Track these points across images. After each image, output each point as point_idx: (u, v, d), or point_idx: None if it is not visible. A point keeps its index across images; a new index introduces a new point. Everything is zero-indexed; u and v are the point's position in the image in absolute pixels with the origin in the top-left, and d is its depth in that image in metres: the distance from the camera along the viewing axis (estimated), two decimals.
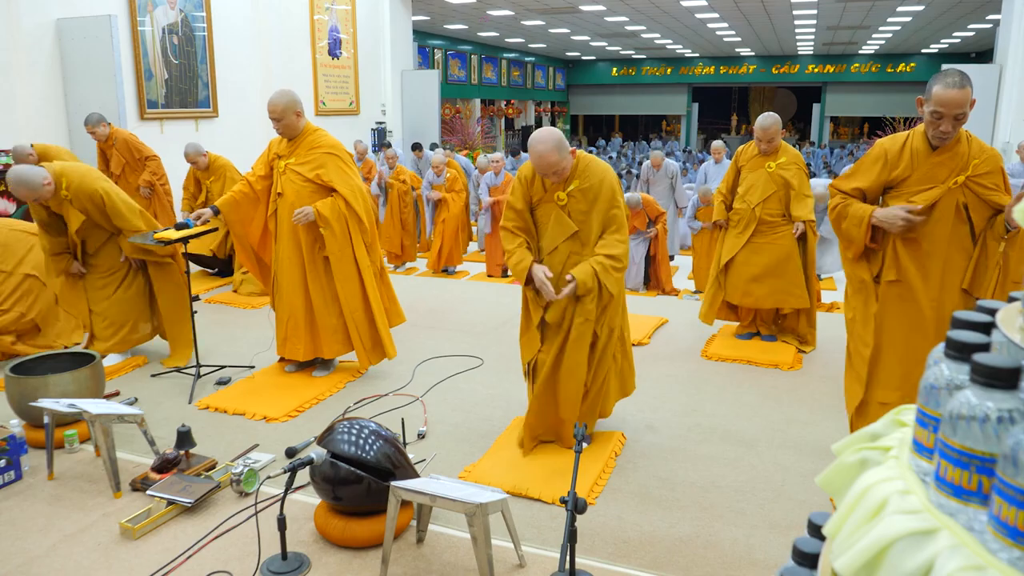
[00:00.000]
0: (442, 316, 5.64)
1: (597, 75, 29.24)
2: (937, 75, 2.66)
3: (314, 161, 4.02)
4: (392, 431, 2.76)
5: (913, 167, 2.81)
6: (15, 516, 2.80)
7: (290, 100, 4.01)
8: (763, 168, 4.81)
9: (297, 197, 4.00)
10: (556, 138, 3.03)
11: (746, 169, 4.91)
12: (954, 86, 2.56)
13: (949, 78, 2.58)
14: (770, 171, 4.77)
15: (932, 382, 0.83)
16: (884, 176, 2.88)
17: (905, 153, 2.83)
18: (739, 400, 3.99)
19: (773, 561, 2.54)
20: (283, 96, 4.01)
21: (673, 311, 5.78)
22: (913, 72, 24.26)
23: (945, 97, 2.57)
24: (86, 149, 7.83)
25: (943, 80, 2.59)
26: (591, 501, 2.89)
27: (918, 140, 2.81)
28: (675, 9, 15.81)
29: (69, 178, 4.12)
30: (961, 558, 0.68)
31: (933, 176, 2.80)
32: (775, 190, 4.74)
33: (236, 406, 3.81)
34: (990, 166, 2.79)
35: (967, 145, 2.78)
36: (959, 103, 2.57)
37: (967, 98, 2.57)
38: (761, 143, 4.81)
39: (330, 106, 11.82)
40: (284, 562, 2.45)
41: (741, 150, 5.03)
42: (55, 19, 7.58)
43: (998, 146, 10.58)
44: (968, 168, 2.77)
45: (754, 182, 4.82)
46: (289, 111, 3.99)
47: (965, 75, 2.59)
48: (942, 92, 2.58)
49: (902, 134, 2.90)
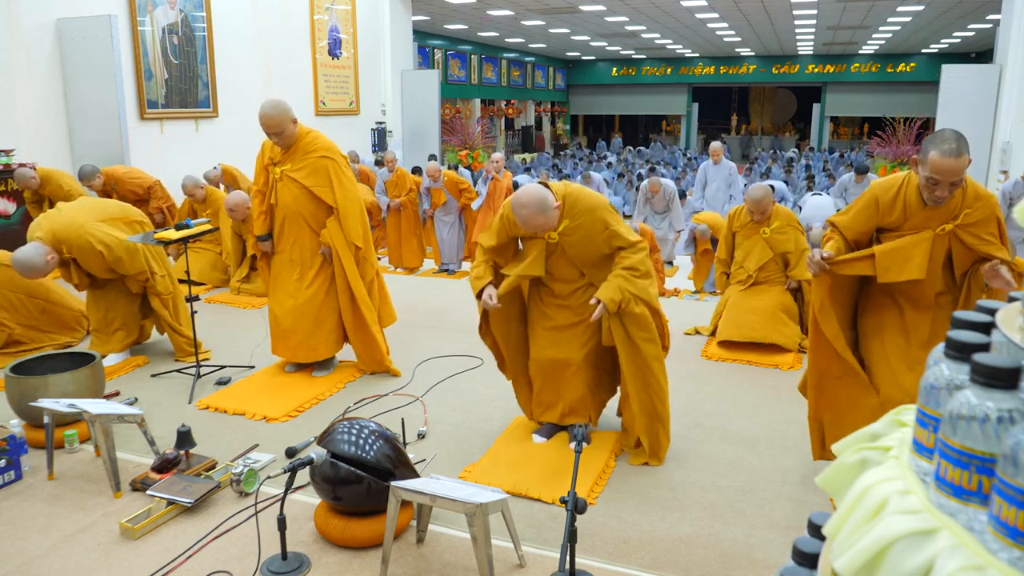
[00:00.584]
0: (442, 316, 5.64)
1: (597, 75, 29.24)
2: (933, 137, 2.58)
3: (310, 166, 3.97)
4: (392, 431, 2.76)
5: (905, 216, 2.78)
6: (15, 516, 2.80)
7: (284, 110, 3.88)
8: (758, 234, 4.81)
9: (295, 203, 3.99)
10: (539, 200, 2.93)
11: (740, 235, 4.90)
12: (950, 154, 2.49)
13: (945, 144, 2.51)
14: (765, 236, 4.78)
15: (932, 382, 0.83)
16: (875, 222, 2.86)
17: (898, 203, 2.78)
18: (739, 400, 3.99)
19: (773, 561, 2.54)
20: (276, 108, 3.86)
21: (673, 311, 5.77)
22: (913, 72, 24.26)
23: (942, 165, 2.51)
24: (86, 150, 7.84)
25: (939, 146, 2.52)
26: (591, 501, 2.89)
27: (912, 193, 2.75)
28: (675, 9, 15.81)
29: (69, 242, 4.06)
30: (961, 558, 0.68)
31: (924, 226, 2.78)
32: (771, 256, 4.78)
33: (236, 406, 3.81)
34: (983, 214, 2.71)
35: (961, 194, 2.70)
36: (955, 171, 2.51)
37: (964, 165, 2.51)
38: (753, 214, 4.78)
39: (330, 106, 11.82)
40: (284, 562, 2.45)
41: (733, 214, 4.97)
42: (55, 19, 7.58)
43: (998, 146, 10.58)
44: (959, 217, 2.71)
45: (750, 249, 4.83)
46: (286, 121, 3.88)
47: (962, 140, 2.52)
48: (938, 160, 2.51)
49: (896, 179, 2.83)
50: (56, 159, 7.72)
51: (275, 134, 3.90)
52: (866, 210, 2.85)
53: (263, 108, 3.86)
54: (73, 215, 4.16)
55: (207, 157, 9.44)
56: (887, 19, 16.68)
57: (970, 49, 22.32)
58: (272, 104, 3.87)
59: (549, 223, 3.00)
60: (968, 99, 10.88)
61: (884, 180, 2.89)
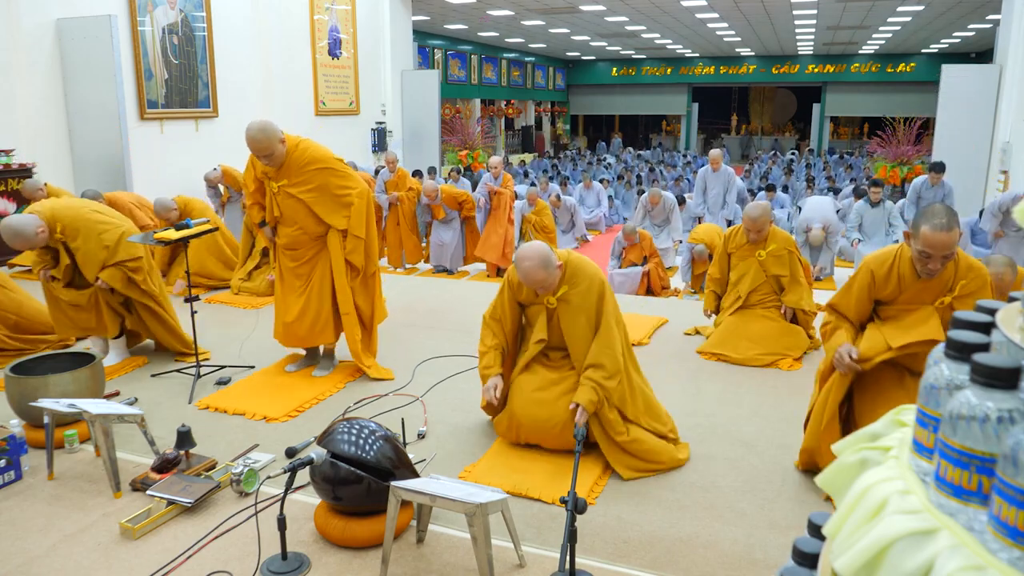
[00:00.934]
0: (442, 316, 5.64)
1: (597, 75, 29.24)
2: (925, 210, 2.61)
3: (306, 180, 3.91)
4: (392, 431, 2.76)
5: (900, 289, 2.83)
6: (15, 516, 2.80)
7: (271, 132, 3.78)
8: (753, 257, 4.69)
9: (296, 214, 3.97)
10: (542, 255, 2.97)
11: (735, 257, 4.79)
12: (941, 228, 2.53)
13: (936, 219, 2.54)
14: (760, 259, 4.67)
15: (932, 382, 0.84)
16: (872, 296, 2.92)
17: (892, 276, 2.84)
18: (739, 400, 3.99)
19: (773, 561, 2.54)
20: (263, 131, 3.76)
21: (673, 311, 5.78)
22: (913, 72, 24.26)
23: (934, 240, 2.55)
24: (86, 150, 7.84)
25: (930, 220, 2.55)
26: (591, 501, 2.89)
27: (905, 265, 2.81)
28: (675, 9, 15.81)
29: (64, 220, 4.09)
30: (961, 558, 0.68)
31: (920, 298, 2.85)
32: (765, 279, 4.68)
33: (236, 406, 3.81)
34: (976, 284, 2.78)
35: (953, 265, 2.77)
36: (947, 245, 2.55)
37: (955, 239, 2.56)
38: (750, 232, 4.66)
39: (330, 106, 11.83)
40: (284, 562, 2.45)
41: (729, 235, 4.84)
42: (55, 19, 7.58)
43: (998, 147, 10.58)
44: (955, 289, 2.78)
45: (745, 271, 4.72)
46: (274, 142, 3.79)
47: (952, 214, 2.56)
48: (930, 234, 2.55)
49: (889, 253, 2.88)
50: (56, 159, 7.73)
51: (264, 156, 3.83)
52: (864, 288, 2.91)
53: (250, 131, 3.76)
54: (74, 201, 4.34)
55: (207, 157, 9.44)
56: (887, 19, 16.68)
57: (970, 49, 22.32)
58: (259, 127, 3.77)
59: (550, 281, 3.03)
60: (968, 99, 10.88)
61: (877, 254, 2.94)
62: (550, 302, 3.16)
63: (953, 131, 10.96)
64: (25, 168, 7.22)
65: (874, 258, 2.92)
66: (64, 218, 4.11)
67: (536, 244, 3.04)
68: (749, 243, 4.71)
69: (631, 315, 5.49)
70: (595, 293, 3.10)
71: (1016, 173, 9.78)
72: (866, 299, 2.93)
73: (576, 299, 3.10)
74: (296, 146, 3.92)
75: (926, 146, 11.92)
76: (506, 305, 3.28)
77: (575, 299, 3.10)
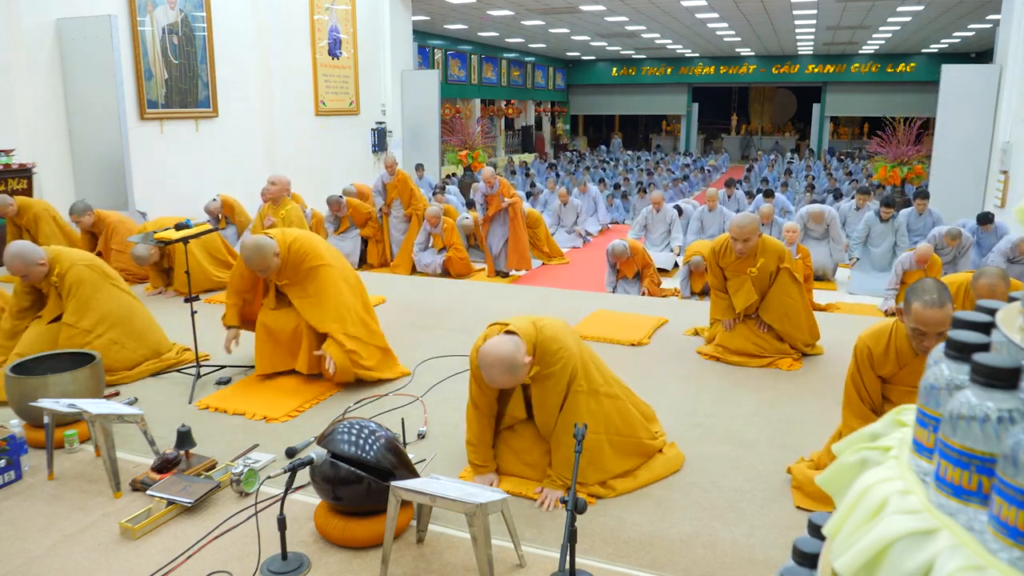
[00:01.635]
0: (442, 316, 5.64)
1: (597, 75, 29.24)
2: (915, 286, 2.56)
3: (301, 279, 3.92)
4: (392, 431, 2.76)
5: (899, 364, 2.79)
6: (15, 516, 2.80)
7: (265, 250, 3.76)
8: (745, 274, 4.48)
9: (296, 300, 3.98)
10: (507, 360, 2.67)
11: (728, 271, 4.57)
12: (932, 304, 2.48)
13: (927, 295, 2.49)
14: (752, 275, 4.48)
15: (932, 382, 0.84)
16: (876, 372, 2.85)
17: (891, 354, 2.79)
18: (739, 400, 3.99)
19: (773, 561, 2.54)
20: (258, 251, 3.76)
21: (673, 311, 5.78)
22: (913, 72, 24.27)
23: (925, 316, 2.50)
24: (86, 150, 7.84)
25: (921, 297, 2.50)
26: (591, 501, 2.89)
27: (902, 341, 2.76)
28: (675, 9, 15.81)
29: (62, 264, 4.06)
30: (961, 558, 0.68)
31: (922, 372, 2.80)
32: (756, 299, 4.52)
33: (236, 406, 3.81)
34: None
35: None
36: (940, 322, 2.49)
37: (948, 315, 2.48)
38: (737, 242, 4.34)
39: (330, 106, 11.83)
40: (284, 562, 2.45)
41: (718, 249, 4.56)
42: (55, 19, 7.58)
43: (998, 147, 10.58)
44: None
45: (739, 287, 4.51)
46: (269, 258, 3.78)
47: (943, 290, 2.51)
48: (921, 311, 2.50)
49: (884, 330, 2.83)
50: (56, 159, 7.73)
51: (261, 271, 3.85)
52: (868, 370, 2.84)
53: (244, 250, 3.75)
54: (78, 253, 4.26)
55: (207, 157, 9.46)
56: (887, 19, 16.68)
57: (970, 49, 22.32)
58: (253, 247, 3.76)
59: (518, 379, 2.78)
60: (968, 99, 10.88)
61: (871, 332, 2.86)
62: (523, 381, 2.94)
63: (953, 131, 10.96)
64: (25, 168, 7.22)
65: (869, 335, 2.86)
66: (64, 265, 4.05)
67: (500, 344, 2.70)
68: (738, 258, 4.46)
69: (631, 315, 5.50)
70: (567, 374, 2.86)
71: (1016, 173, 9.77)
72: (873, 377, 2.85)
73: (550, 381, 2.87)
74: (288, 248, 3.90)
75: (926, 146, 11.90)
76: (481, 390, 3.00)
77: (549, 381, 2.87)
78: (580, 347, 3.00)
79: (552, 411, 2.91)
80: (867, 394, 2.88)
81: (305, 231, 4.14)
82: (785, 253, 4.54)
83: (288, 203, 6.36)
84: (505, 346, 2.70)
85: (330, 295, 3.95)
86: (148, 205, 8.07)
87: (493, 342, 2.73)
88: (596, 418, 2.93)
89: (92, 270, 4.15)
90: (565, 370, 2.86)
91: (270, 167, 10.13)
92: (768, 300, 4.53)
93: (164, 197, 8.37)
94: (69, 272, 4.05)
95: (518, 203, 8.25)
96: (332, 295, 3.95)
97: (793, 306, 4.51)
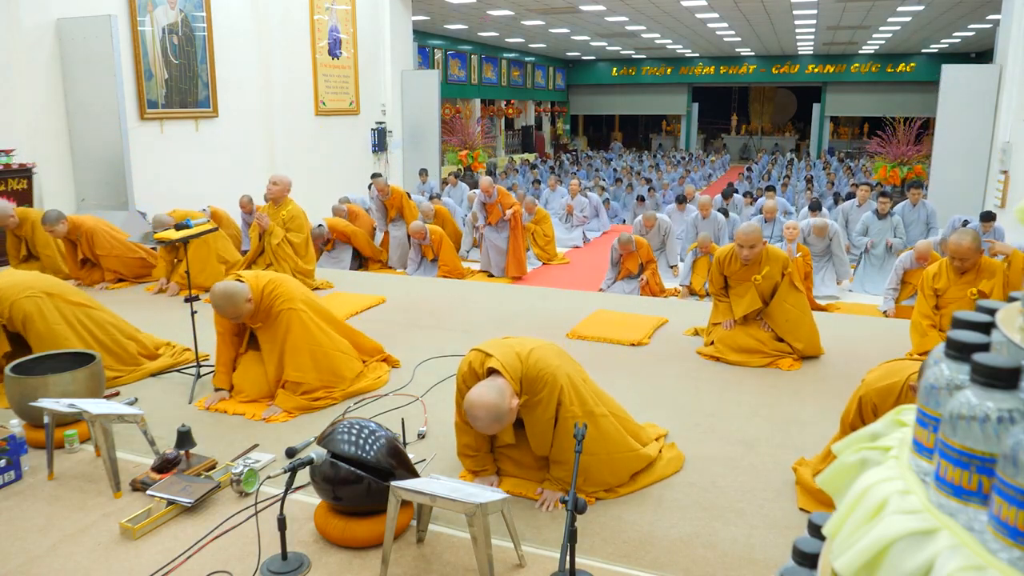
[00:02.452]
0: (442, 316, 5.64)
1: (597, 75, 29.25)
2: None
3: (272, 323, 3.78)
4: (392, 431, 2.76)
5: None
6: (15, 516, 2.80)
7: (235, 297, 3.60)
8: (750, 281, 4.56)
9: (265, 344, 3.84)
10: (493, 409, 2.60)
11: (733, 280, 4.66)
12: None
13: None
14: (757, 284, 4.56)
15: (932, 382, 0.83)
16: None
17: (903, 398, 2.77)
18: (739, 400, 3.99)
19: (773, 561, 2.54)
20: (226, 298, 3.59)
21: (673, 311, 5.78)
22: (913, 72, 24.27)
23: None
24: (86, 150, 7.84)
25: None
26: (591, 501, 2.89)
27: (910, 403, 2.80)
28: (675, 9, 15.81)
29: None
30: (961, 558, 0.68)
31: None
32: (759, 306, 4.57)
33: (236, 406, 3.80)
34: None
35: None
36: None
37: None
38: (743, 249, 4.45)
39: (330, 106, 11.83)
40: (284, 562, 2.45)
41: (724, 259, 4.66)
42: (55, 19, 7.58)
43: (998, 147, 10.58)
44: None
45: (743, 294, 4.60)
46: (240, 304, 3.63)
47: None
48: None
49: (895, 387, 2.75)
50: (56, 159, 7.73)
51: (233, 318, 3.70)
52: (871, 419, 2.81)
53: (214, 298, 3.61)
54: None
55: (207, 157, 9.45)
56: (887, 19, 16.68)
57: (970, 49, 22.32)
58: (222, 294, 3.60)
59: (507, 423, 2.73)
60: (968, 99, 10.89)
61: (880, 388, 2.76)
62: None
63: (953, 131, 10.96)
64: (25, 168, 7.22)
65: (876, 391, 2.77)
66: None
67: (487, 395, 2.62)
68: (743, 266, 4.53)
69: (631, 315, 5.50)
70: (555, 399, 2.80)
71: (1016, 173, 9.77)
72: None
73: (538, 409, 2.83)
74: (261, 292, 3.75)
75: (926, 146, 11.90)
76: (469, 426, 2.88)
77: (537, 409, 2.83)
78: (569, 368, 2.92)
79: (544, 436, 2.85)
80: None
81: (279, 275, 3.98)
82: (789, 262, 4.61)
83: (289, 203, 6.36)
84: (490, 396, 2.62)
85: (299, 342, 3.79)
86: (148, 205, 8.06)
87: (478, 392, 2.64)
88: (593, 440, 2.87)
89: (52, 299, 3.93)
90: (552, 396, 2.78)
91: (270, 167, 10.13)
92: (770, 309, 4.60)
93: (164, 197, 8.36)
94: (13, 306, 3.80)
95: (518, 211, 8.23)
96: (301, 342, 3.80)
97: (794, 313, 4.57)
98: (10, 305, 3.82)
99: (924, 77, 23.17)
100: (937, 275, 4.48)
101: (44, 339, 3.85)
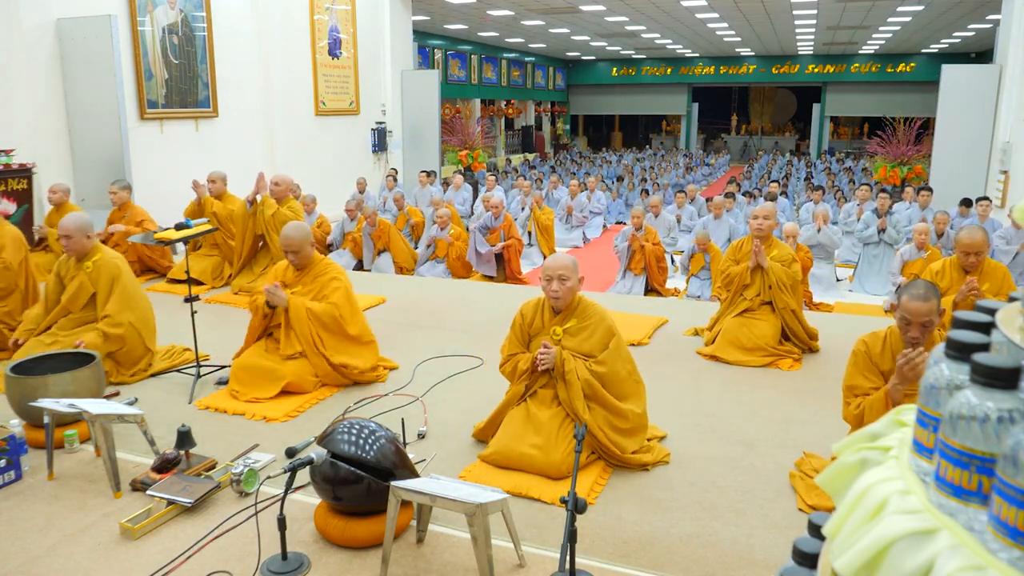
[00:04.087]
0: (442, 316, 5.64)
1: (597, 75, 29.23)
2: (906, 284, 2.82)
3: (319, 287, 4.13)
4: (392, 431, 2.76)
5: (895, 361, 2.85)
6: (15, 516, 2.80)
7: (305, 233, 4.09)
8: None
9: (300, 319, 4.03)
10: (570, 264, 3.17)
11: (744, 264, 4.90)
12: (918, 298, 2.70)
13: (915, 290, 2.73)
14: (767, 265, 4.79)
15: (932, 382, 0.83)
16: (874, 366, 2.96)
17: (886, 351, 2.93)
18: (739, 400, 3.99)
19: (773, 561, 2.54)
20: (299, 230, 4.08)
21: (673, 311, 5.78)
22: (913, 72, 24.26)
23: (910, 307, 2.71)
24: (86, 150, 7.84)
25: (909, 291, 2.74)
26: (591, 501, 2.89)
27: (896, 342, 2.91)
28: (675, 9, 15.81)
29: None
30: (961, 558, 0.68)
31: None
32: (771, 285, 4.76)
33: (236, 406, 3.81)
34: None
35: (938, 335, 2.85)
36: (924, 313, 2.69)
37: (932, 308, 2.70)
38: (757, 219, 4.80)
39: (330, 106, 11.82)
40: (284, 562, 2.45)
41: (736, 245, 5.02)
42: (55, 19, 7.58)
43: (998, 147, 10.58)
44: None
45: (751, 281, 4.82)
46: (306, 243, 4.10)
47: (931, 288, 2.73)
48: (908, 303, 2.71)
49: (881, 331, 3.00)
50: (56, 159, 7.72)
51: (293, 252, 4.09)
52: (865, 360, 2.97)
53: (286, 229, 4.09)
54: None
55: (207, 157, 9.44)
56: (887, 19, 16.67)
57: (970, 49, 22.31)
58: (295, 226, 4.11)
59: (570, 290, 3.17)
60: (968, 99, 10.89)
61: (869, 333, 3.03)
62: (556, 332, 3.22)
63: (953, 131, 10.96)
64: (25, 168, 7.21)
65: (867, 335, 3.03)
66: None
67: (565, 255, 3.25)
68: None
69: (631, 315, 5.49)
70: (603, 330, 3.19)
71: (1016, 173, 9.78)
72: (869, 368, 2.96)
73: (583, 333, 3.19)
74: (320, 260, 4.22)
75: (926, 146, 11.90)
76: (516, 341, 3.35)
77: (583, 333, 3.19)
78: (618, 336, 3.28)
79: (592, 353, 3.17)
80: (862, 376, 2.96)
81: None
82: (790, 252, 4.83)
83: (290, 202, 6.36)
84: (568, 256, 3.22)
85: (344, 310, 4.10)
86: (148, 205, 8.05)
87: (556, 255, 3.26)
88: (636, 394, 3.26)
89: None
90: (603, 322, 3.19)
91: (270, 167, 10.12)
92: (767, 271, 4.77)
93: (164, 197, 8.35)
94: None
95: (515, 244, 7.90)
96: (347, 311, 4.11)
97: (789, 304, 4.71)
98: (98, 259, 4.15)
99: (924, 77, 23.16)
100: (940, 273, 4.52)
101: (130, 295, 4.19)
